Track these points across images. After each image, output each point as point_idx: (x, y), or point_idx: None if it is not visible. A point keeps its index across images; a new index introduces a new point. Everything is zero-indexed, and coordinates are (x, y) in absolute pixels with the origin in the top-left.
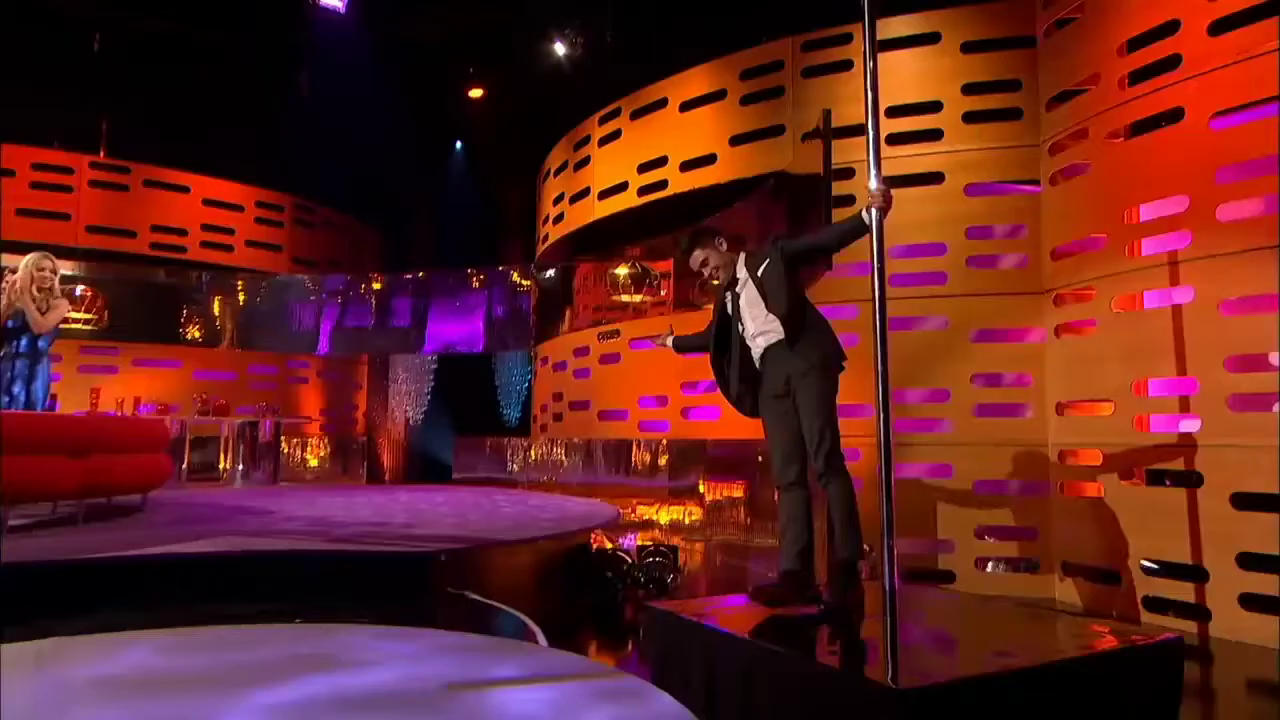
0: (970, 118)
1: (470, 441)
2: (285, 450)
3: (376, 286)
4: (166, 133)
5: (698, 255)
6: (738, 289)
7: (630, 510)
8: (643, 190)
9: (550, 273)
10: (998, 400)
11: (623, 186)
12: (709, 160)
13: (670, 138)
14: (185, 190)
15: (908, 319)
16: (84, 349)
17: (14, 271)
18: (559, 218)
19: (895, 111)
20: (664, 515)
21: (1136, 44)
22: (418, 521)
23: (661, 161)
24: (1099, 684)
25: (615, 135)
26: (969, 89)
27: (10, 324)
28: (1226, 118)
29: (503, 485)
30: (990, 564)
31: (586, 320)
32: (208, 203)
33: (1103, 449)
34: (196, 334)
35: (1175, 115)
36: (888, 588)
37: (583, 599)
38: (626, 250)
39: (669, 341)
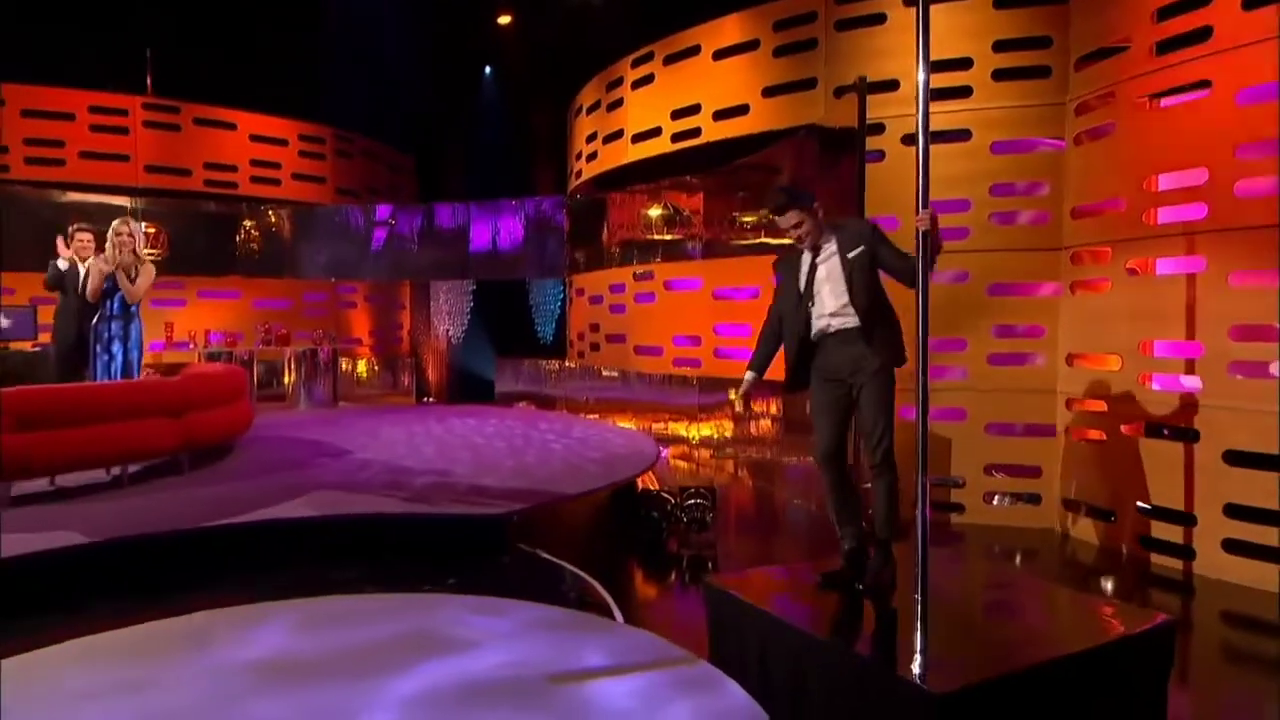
0: (1000, 75)
1: (510, 362)
2: (343, 368)
3: (415, 214)
4: (209, 69)
5: (792, 216)
6: (818, 259)
7: (663, 426)
8: (676, 136)
9: (583, 205)
10: (1011, 350)
11: (656, 131)
12: (742, 110)
13: (703, 85)
14: (232, 127)
15: (935, 272)
16: (155, 284)
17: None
18: (592, 156)
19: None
20: (694, 431)
21: (1168, 13)
22: (481, 466)
23: (695, 109)
24: (1108, 669)
25: (648, 79)
26: (1000, 46)
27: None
28: (1252, 94)
29: (542, 406)
30: (996, 498)
31: (620, 256)
32: (254, 138)
33: (1107, 400)
34: (252, 266)
35: (1201, 87)
36: (919, 564)
37: (632, 537)
38: (659, 189)
39: (750, 380)
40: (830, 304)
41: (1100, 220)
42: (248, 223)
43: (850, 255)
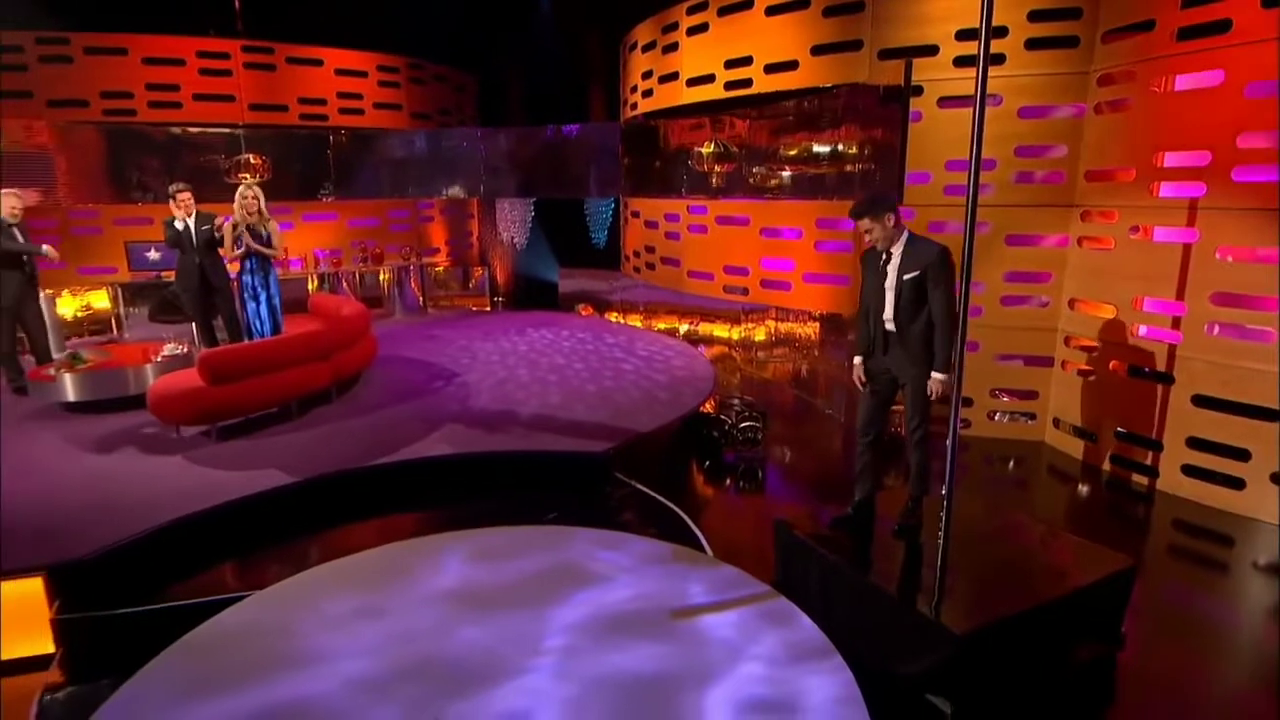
0: (1032, 44)
1: (571, 271)
2: (428, 276)
3: (480, 134)
4: (294, 9)
5: (864, 224)
6: (887, 265)
7: (709, 328)
8: (729, 85)
9: (638, 133)
10: (1021, 293)
11: (709, 78)
12: (791, 66)
13: (755, 39)
14: (320, 64)
15: (954, 223)
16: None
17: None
18: (647, 92)
19: (964, 35)
20: (734, 333)
21: (1192, 1)
22: (569, 393)
23: (747, 61)
24: (1085, 606)
25: (703, 28)
26: (1035, 15)
27: (237, 248)
28: (1260, 88)
29: (599, 308)
30: (998, 415)
31: (674, 187)
32: (339, 72)
33: (1101, 341)
34: (345, 189)
35: (1214, 76)
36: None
37: (696, 452)
38: (711, 125)
39: (858, 365)
40: (885, 310)
41: (1111, 185)
42: (337, 150)
43: (906, 277)
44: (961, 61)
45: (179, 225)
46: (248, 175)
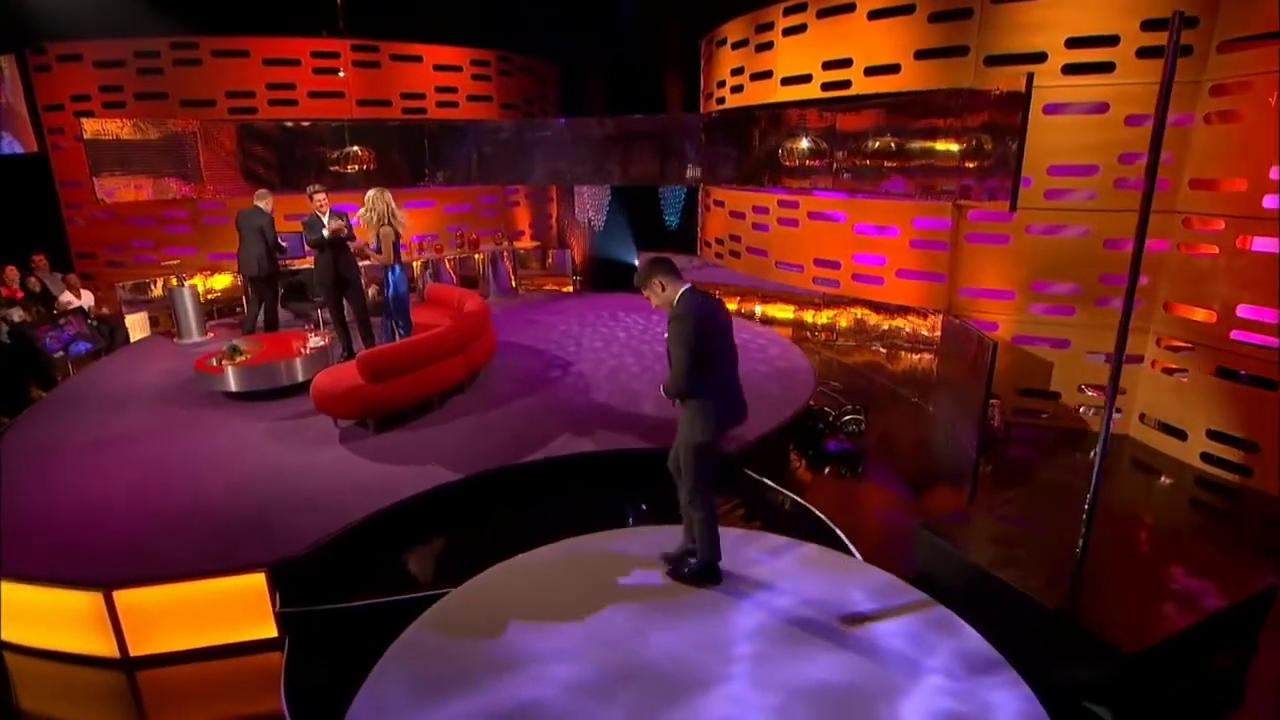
0: (1143, 53)
1: (646, 253)
2: (516, 257)
3: (564, 123)
4: (392, 7)
5: (642, 289)
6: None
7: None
8: (826, 85)
9: (721, 125)
10: (1116, 294)
11: (806, 78)
12: (893, 69)
13: (855, 42)
14: (419, 60)
15: (1054, 227)
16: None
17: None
18: (737, 88)
19: (1075, 43)
20: (817, 318)
21: None
22: None
23: (846, 63)
24: (1233, 621)
25: (800, 29)
26: (1148, 25)
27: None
28: None
29: None
30: (1083, 409)
31: (763, 179)
32: (437, 68)
33: (1194, 343)
34: (441, 178)
35: None
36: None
37: (801, 442)
38: (802, 121)
39: None
40: None
41: (1216, 194)
42: (433, 141)
43: (666, 338)
44: (1070, 69)
45: (325, 232)
46: (355, 167)
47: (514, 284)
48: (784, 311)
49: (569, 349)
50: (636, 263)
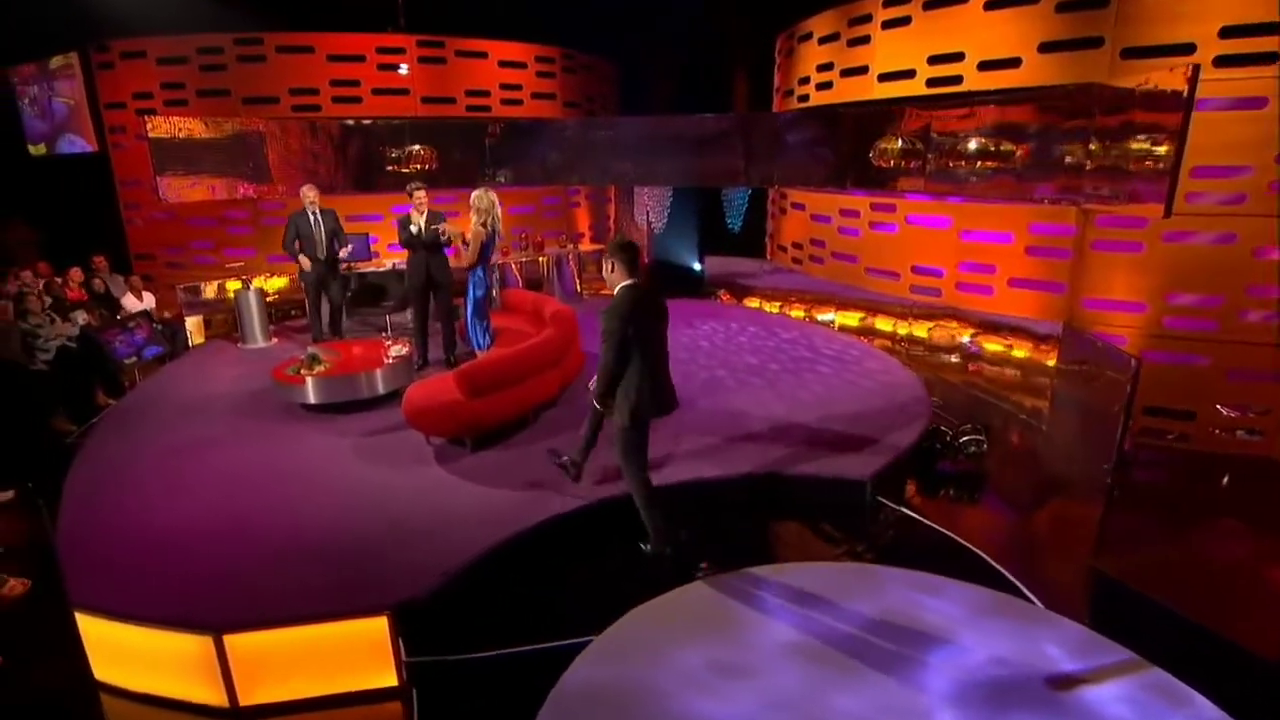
0: None
1: (716, 260)
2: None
3: (627, 122)
4: (455, 3)
5: (604, 259)
6: None
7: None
8: (931, 81)
9: (799, 124)
10: (1263, 307)
11: (909, 74)
12: (1012, 63)
13: (969, 35)
14: (484, 56)
15: (1188, 233)
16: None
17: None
18: (825, 84)
19: (1230, 32)
20: (901, 328)
21: None
22: (796, 404)
23: (957, 57)
24: None
25: (904, 21)
26: None
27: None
28: None
29: (738, 294)
30: (1217, 430)
31: (851, 181)
32: (502, 64)
33: None
34: (501, 178)
35: None
36: None
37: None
38: (905, 121)
39: None
40: None
41: None
42: (496, 139)
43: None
44: (1224, 61)
45: (413, 229)
46: (417, 166)
47: (579, 288)
48: (852, 319)
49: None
50: (697, 268)
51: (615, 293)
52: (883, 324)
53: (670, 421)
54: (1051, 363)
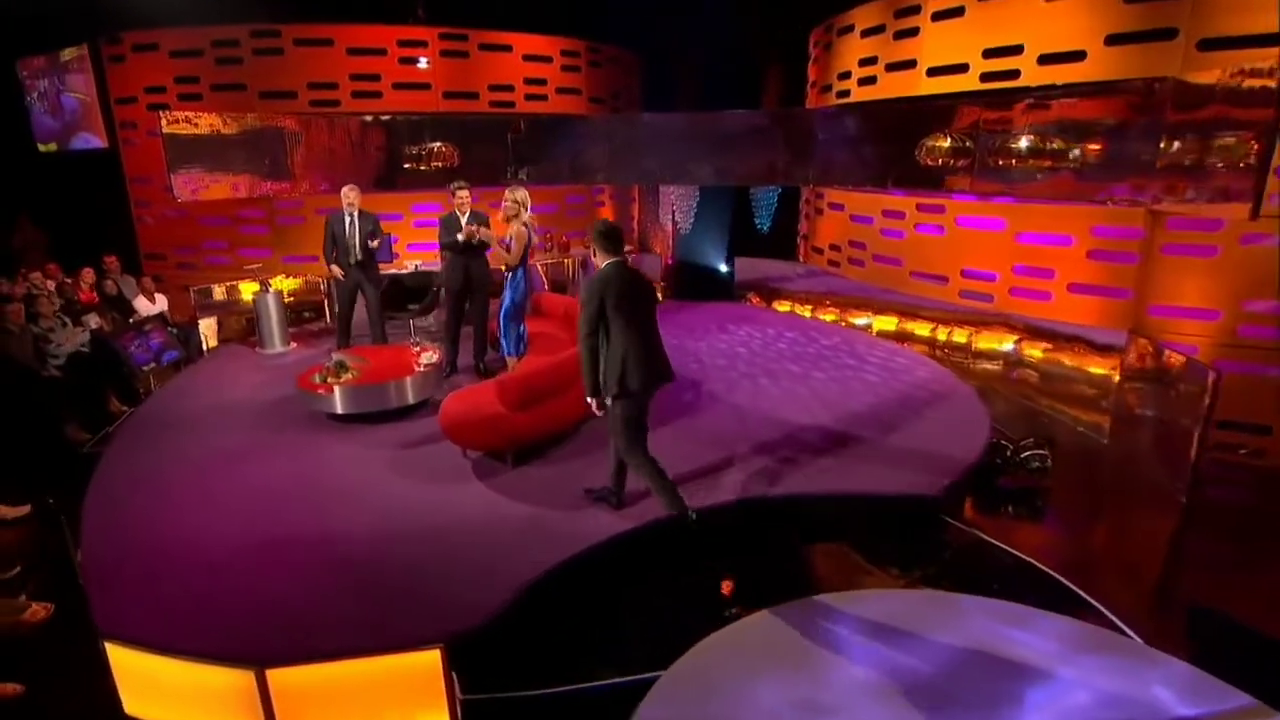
0: None
1: (745, 262)
2: None
3: (651, 117)
4: None
5: (587, 244)
6: None
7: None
8: (986, 76)
9: (837, 121)
10: None
11: (962, 68)
12: (1077, 56)
13: (1028, 26)
14: (509, 49)
15: (1267, 235)
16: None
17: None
18: (868, 79)
19: None
20: (941, 333)
21: None
22: (850, 416)
23: (1015, 50)
24: None
25: (957, 12)
26: None
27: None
28: None
29: (768, 297)
30: None
31: (892, 181)
32: (526, 58)
33: None
34: (524, 175)
35: None
36: None
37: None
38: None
39: None
40: None
41: None
42: (518, 136)
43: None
44: None
45: (460, 237)
46: (437, 164)
47: None
48: (889, 323)
49: (690, 366)
50: (724, 270)
51: (600, 268)
52: (920, 329)
53: (717, 434)
54: (1099, 370)
